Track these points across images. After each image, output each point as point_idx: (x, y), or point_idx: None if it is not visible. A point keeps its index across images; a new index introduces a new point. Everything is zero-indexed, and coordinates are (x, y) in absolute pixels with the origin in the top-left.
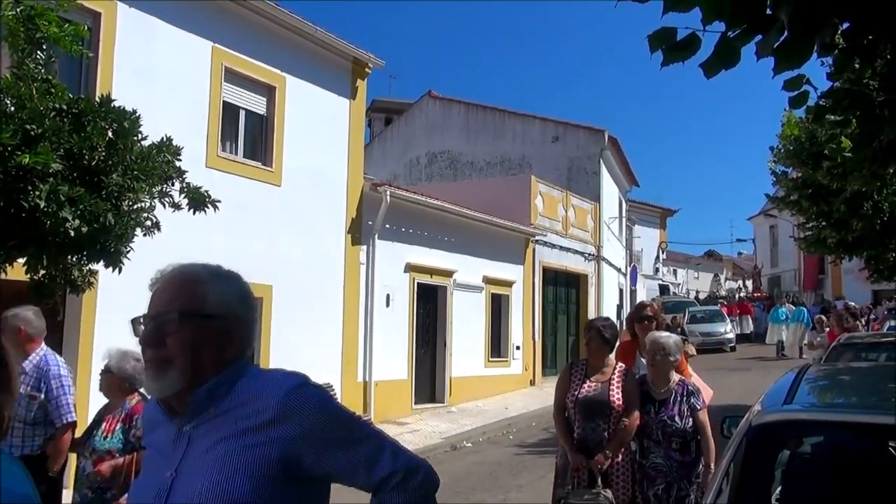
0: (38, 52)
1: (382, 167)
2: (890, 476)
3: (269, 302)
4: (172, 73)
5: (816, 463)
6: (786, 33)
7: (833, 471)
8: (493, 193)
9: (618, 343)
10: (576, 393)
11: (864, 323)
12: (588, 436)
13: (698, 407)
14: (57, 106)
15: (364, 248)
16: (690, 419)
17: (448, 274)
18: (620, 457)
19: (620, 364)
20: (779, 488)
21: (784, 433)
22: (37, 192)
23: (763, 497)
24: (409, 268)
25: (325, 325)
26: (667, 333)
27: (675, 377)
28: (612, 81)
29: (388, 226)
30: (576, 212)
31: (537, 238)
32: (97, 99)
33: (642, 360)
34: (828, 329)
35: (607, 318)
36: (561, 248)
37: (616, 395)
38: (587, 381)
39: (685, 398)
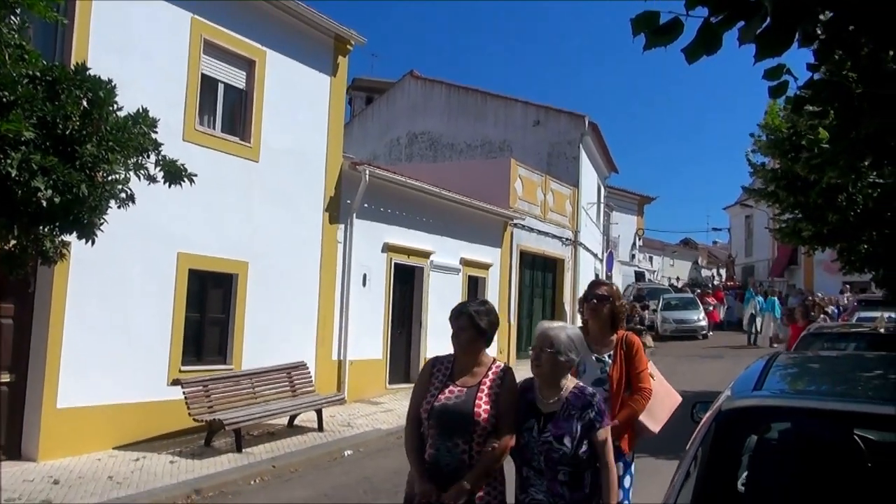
0: (12, 17)
1: (363, 146)
2: (854, 463)
3: (245, 278)
4: (150, 43)
5: (783, 449)
6: (768, 21)
7: (799, 457)
8: (472, 176)
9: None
10: (432, 400)
11: (828, 314)
12: (442, 459)
13: (598, 424)
14: (30, 73)
15: (342, 226)
16: (586, 441)
17: (425, 255)
18: (484, 491)
19: (499, 363)
20: (745, 473)
21: (753, 419)
22: (8, 161)
23: (730, 482)
24: (387, 248)
25: (300, 303)
26: (560, 323)
27: (570, 383)
28: (594, 67)
29: (366, 205)
30: (554, 196)
31: (516, 221)
32: (72, 67)
33: (592, 358)
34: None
35: (484, 302)
36: (539, 232)
37: (484, 406)
38: (450, 385)
39: (581, 411)
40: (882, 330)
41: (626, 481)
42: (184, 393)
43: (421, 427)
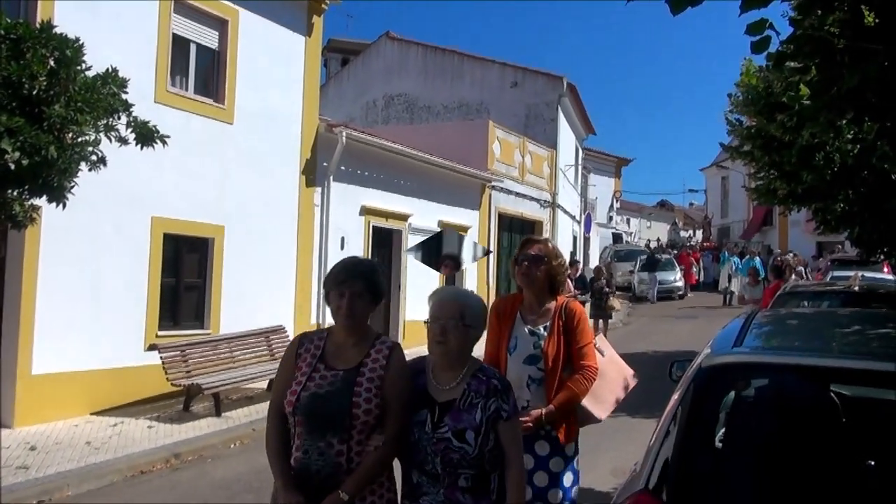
0: None
1: (339, 108)
2: (829, 418)
3: (222, 243)
4: (118, 1)
5: (760, 405)
6: None
7: (775, 413)
8: (450, 138)
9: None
10: (297, 388)
11: (800, 274)
12: (312, 463)
13: (504, 415)
14: None
15: (319, 189)
16: (492, 435)
17: (403, 218)
18: (367, 501)
19: (384, 338)
20: (723, 430)
21: (732, 375)
22: None
23: (708, 438)
24: (365, 211)
25: (278, 266)
26: (466, 289)
27: (474, 364)
28: (573, 27)
29: (343, 168)
30: (532, 158)
31: (494, 184)
32: (37, 25)
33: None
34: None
35: (372, 262)
36: (517, 194)
37: (365, 394)
38: (321, 368)
39: (486, 399)
40: (857, 288)
41: (568, 479)
42: (161, 358)
43: (287, 423)
